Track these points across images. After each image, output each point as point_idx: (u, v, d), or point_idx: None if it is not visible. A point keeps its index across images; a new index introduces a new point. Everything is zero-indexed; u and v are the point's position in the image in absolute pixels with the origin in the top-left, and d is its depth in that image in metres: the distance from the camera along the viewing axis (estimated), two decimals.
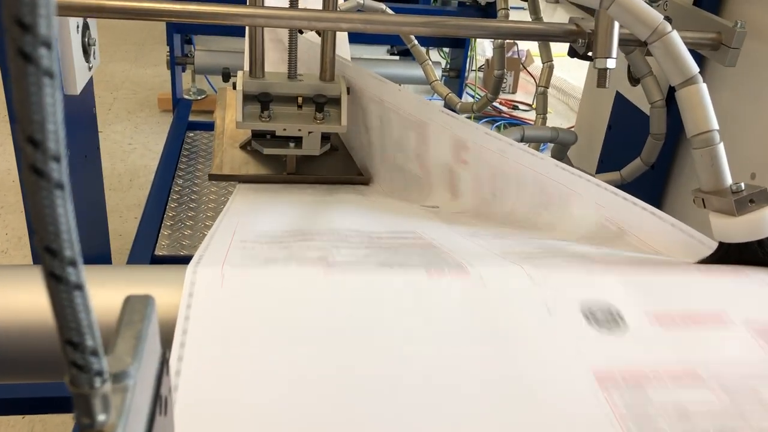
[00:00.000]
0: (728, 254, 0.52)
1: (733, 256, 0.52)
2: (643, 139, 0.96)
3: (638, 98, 1.04)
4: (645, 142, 0.96)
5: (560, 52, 0.96)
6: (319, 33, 0.96)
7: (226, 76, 1.01)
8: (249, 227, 0.62)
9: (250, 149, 1.01)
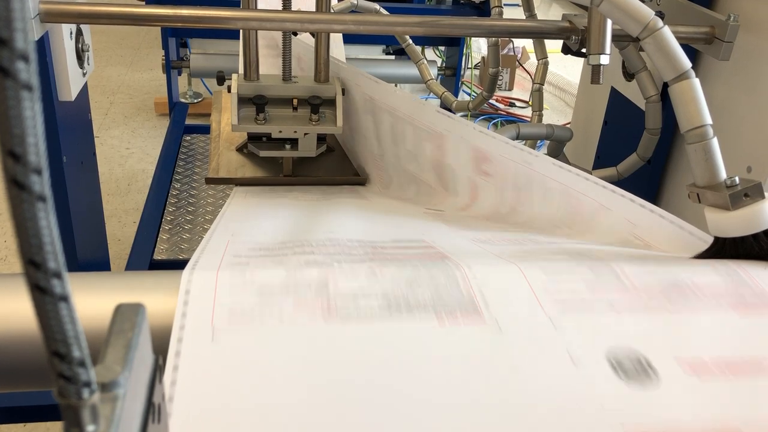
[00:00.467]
0: (724, 249, 0.52)
1: (729, 251, 0.52)
2: (639, 135, 0.96)
3: (633, 93, 1.04)
4: (641, 138, 0.95)
5: (555, 49, 0.96)
6: (312, 34, 0.96)
7: (221, 80, 1.01)
8: (243, 236, 0.60)
9: (246, 152, 1.01)
